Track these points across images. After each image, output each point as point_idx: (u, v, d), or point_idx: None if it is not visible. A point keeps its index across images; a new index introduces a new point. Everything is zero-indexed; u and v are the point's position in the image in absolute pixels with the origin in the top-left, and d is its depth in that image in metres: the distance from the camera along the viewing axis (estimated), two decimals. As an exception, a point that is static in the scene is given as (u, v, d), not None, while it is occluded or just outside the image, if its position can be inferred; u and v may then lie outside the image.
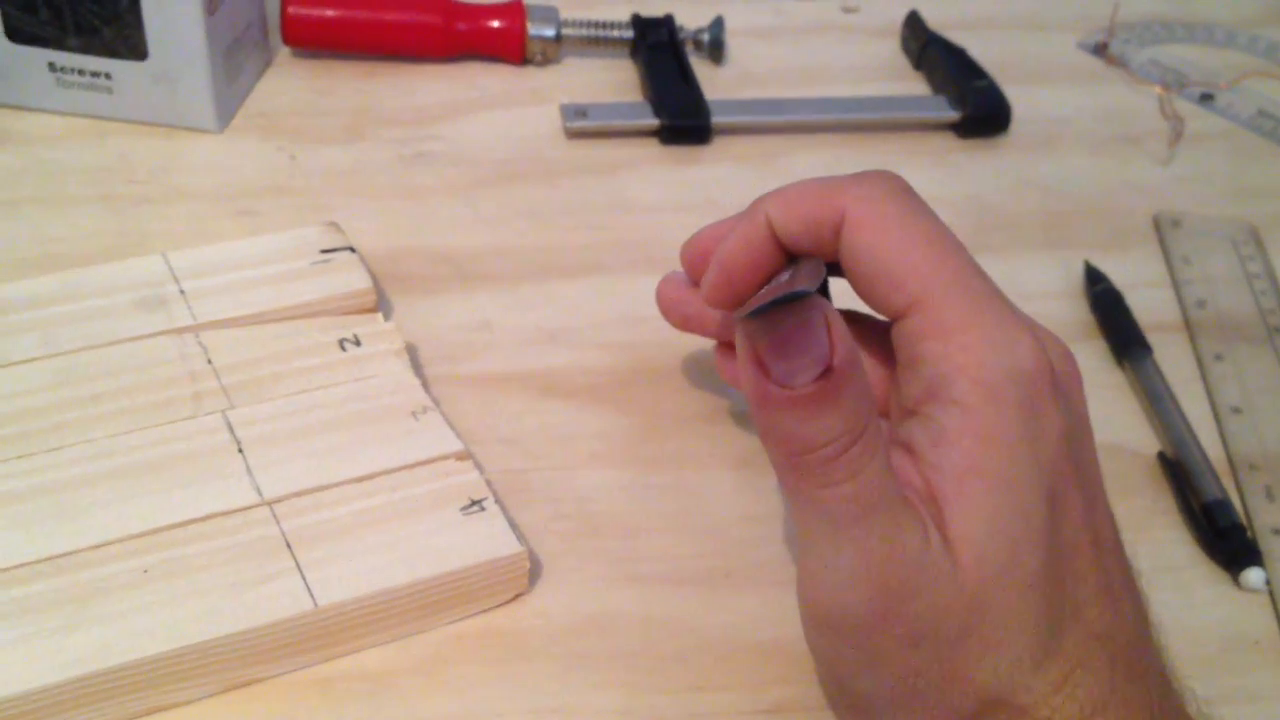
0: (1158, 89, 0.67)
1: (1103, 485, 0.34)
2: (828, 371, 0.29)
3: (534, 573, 0.40)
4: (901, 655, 0.31)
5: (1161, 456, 0.47)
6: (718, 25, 0.65)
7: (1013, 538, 0.31)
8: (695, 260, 0.41)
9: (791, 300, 0.29)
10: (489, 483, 0.42)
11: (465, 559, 0.38)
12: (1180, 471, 0.46)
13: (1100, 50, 0.70)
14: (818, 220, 0.35)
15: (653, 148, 0.60)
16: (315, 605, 0.36)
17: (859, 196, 0.34)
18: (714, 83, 0.64)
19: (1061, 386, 0.33)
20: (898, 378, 0.35)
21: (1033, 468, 0.31)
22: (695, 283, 0.41)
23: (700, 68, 0.64)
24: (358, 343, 0.45)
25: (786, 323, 0.29)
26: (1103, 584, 0.32)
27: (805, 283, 0.33)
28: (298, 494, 0.39)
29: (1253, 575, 0.42)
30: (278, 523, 0.38)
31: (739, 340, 0.31)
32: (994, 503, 0.31)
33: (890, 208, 0.34)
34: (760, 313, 0.29)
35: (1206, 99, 0.67)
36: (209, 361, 0.43)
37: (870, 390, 0.31)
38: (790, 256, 0.37)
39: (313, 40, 0.62)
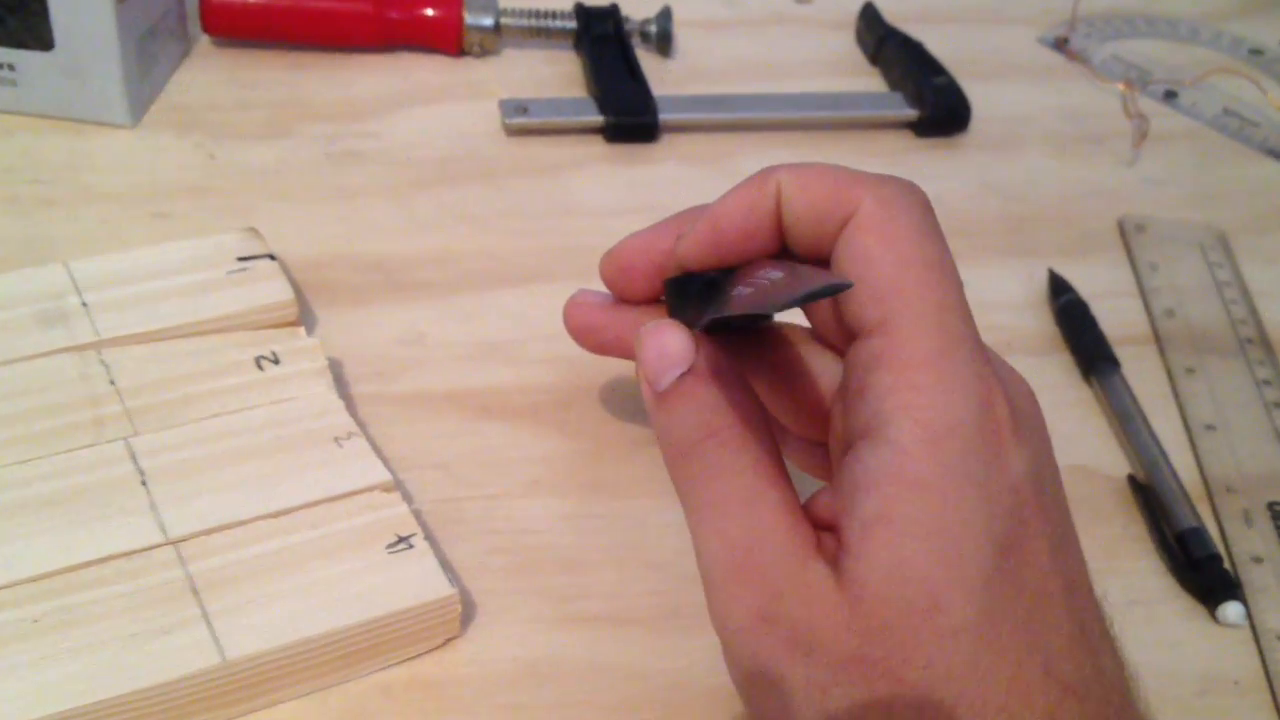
0: (1120, 86, 0.65)
1: (1073, 528, 0.32)
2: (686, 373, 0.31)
3: (467, 614, 0.37)
4: (797, 665, 0.29)
5: (1132, 480, 0.44)
6: (665, 16, 0.62)
7: (929, 584, 0.29)
8: (617, 272, 0.38)
9: (829, 290, 0.29)
10: (419, 514, 0.39)
11: (391, 603, 0.35)
12: (1152, 496, 0.43)
13: (1061, 45, 0.68)
14: (829, 207, 0.32)
15: (597, 146, 0.57)
16: (223, 659, 0.33)
17: (879, 198, 0.32)
18: (662, 77, 0.61)
19: (1023, 430, 0.30)
20: (844, 405, 0.32)
21: (979, 514, 0.29)
22: (619, 297, 0.38)
23: (647, 61, 0.61)
24: (276, 361, 0.41)
25: (660, 333, 0.32)
26: (1076, 633, 0.30)
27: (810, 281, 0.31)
28: (206, 532, 0.36)
29: (1231, 610, 0.40)
30: (183, 565, 0.35)
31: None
32: (902, 550, 0.29)
33: (905, 219, 0.32)
34: (806, 298, 0.29)
35: (1170, 96, 0.65)
36: (112, 382, 0.39)
37: (745, 403, 0.32)
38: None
39: (234, 28, 0.58)
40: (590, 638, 0.37)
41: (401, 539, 0.36)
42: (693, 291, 0.34)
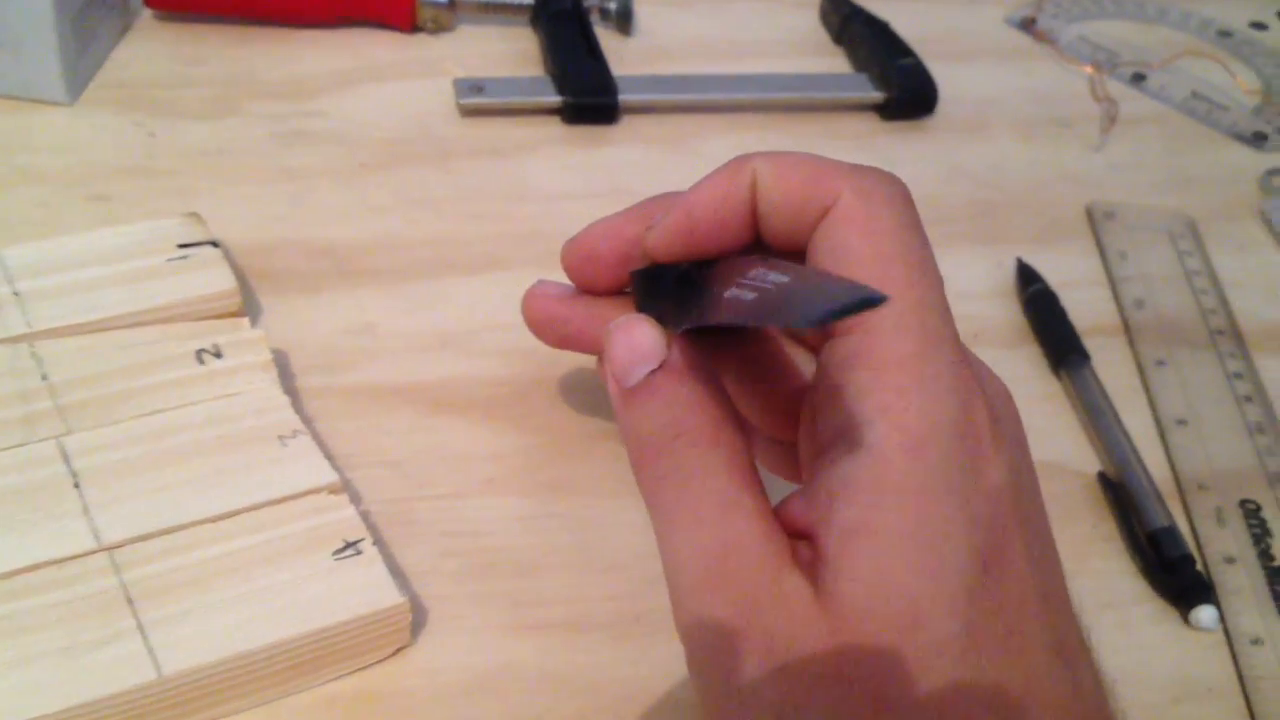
0: (1088, 69, 0.64)
1: (1051, 535, 0.31)
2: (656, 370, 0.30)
3: (418, 622, 0.36)
4: (772, 682, 0.28)
5: (1102, 477, 0.43)
6: (626, -8, 0.60)
7: (912, 599, 0.28)
8: (581, 262, 0.36)
9: (867, 303, 0.25)
10: (368, 516, 0.37)
11: (337, 613, 0.33)
12: (1123, 494, 0.42)
13: (1028, 25, 0.67)
14: (806, 197, 0.31)
15: (555, 127, 0.55)
16: (159, 674, 0.31)
17: (858, 189, 0.30)
18: (622, 56, 0.59)
19: (1002, 436, 0.29)
20: (817, 404, 0.31)
21: (960, 525, 0.28)
22: (582, 286, 0.37)
23: (607, 39, 0.60)
24: (218, 354, 0.39)
25: (631, 327, 0.31)
26: (1055, 647, 0.29)
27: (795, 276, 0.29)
28: (143, 537, 0.34)
29: (1204, 614, 0.39)
30: (118, 573, 0.33)
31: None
32: (884, 563, 0.28)
33: (887, 213, 0.30)
34: (835, 314, 0.26)
35: (1138, 79, 0.64)
36: (44, 377, 0.38)
37: (716, 401, 0.30)
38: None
39: (178, 1, 0.56)
40: (547, 645, 0.36)
41: (349, 544, 0.35)
42: (665, 286, 0.33)
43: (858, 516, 0.28)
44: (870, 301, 0.25)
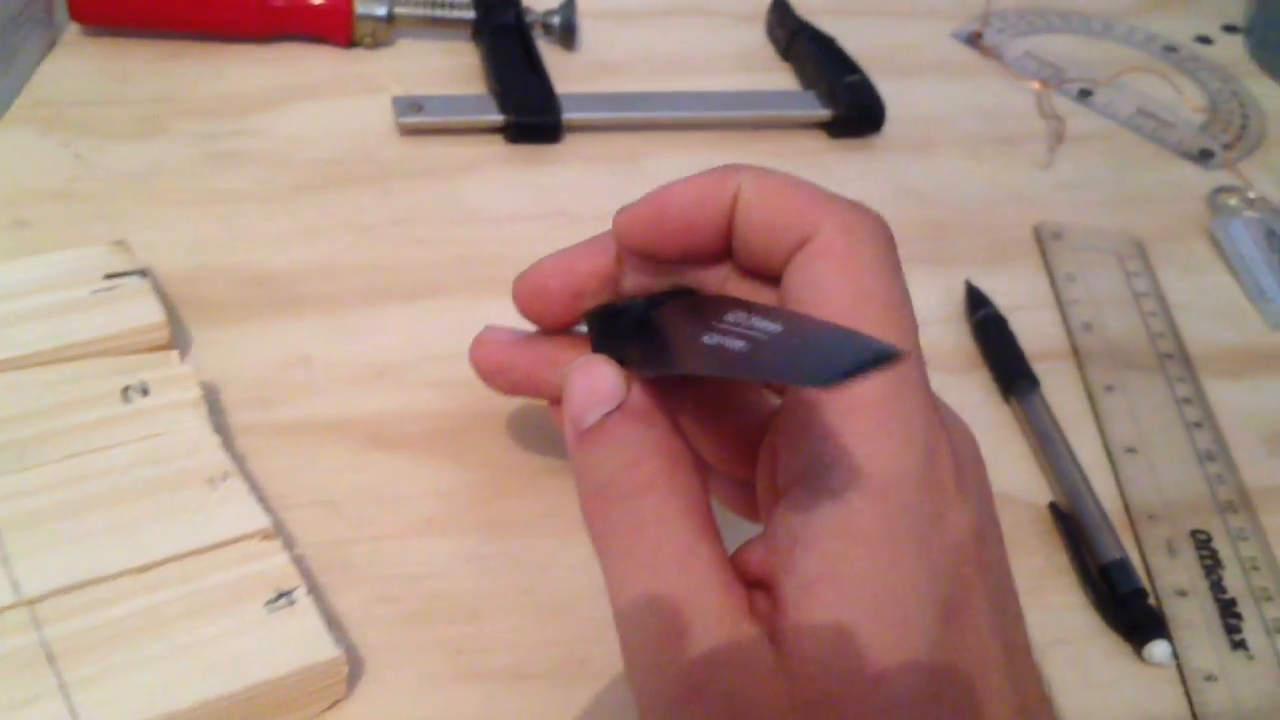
0: (1035, 85, 0.63)
1: (1013, 583, 0.30)
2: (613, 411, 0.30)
3: (354, 673, 0.34)
4: None
5: (1054, 507, 0.43)
6: (569, 7, 0.59)
7: (873, 654, 0.27)
8: (532, 297, 0.35)
9: (883, 360, 0.24)
10: (301, 560, 0.36)
11: (270, 668, 0.32)
12: (1074, 526, 0.42)
13: (975, 40, 0.66)
14: (787, 223, 0.30)
15: (497, 146, 0.54)
16: (82, 739, 0.30)
17: (843, 225, 0.30)
18: (565, 72, 0.58)
19: (966, 483, 0.29)
20: (776, 445, 0.30)
21: (923, 576, 0.27)
22: (534, 321, 0.36)
23: (550, 54, 0.59)
24: (145, 391, 0.38)
25: (591, 368, 0.30)
26: (1015, 702, 0.29)
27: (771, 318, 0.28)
28: (65, 590, 0.33)
29: (1157, 650, 0.38)
30: (38, 628, 0.32)
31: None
32: (845, 616, 0.27)
33: (868, 251, 0.29)
34: (851, 374, 0.23)
35: (1085, 95, 0.64)
36: (-40, 419, 0.36)
37: (673, 444, 0.30)
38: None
39: (106, 16, 0.54)
40: (489, 694, 0.35)
41: (282, 594, 0.33)
42: (624, 326, 0.32)
43: (820, 565, 0.27)
44: (886, 356, 0.23)
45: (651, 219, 0.32)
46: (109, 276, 0.41)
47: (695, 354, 0.28)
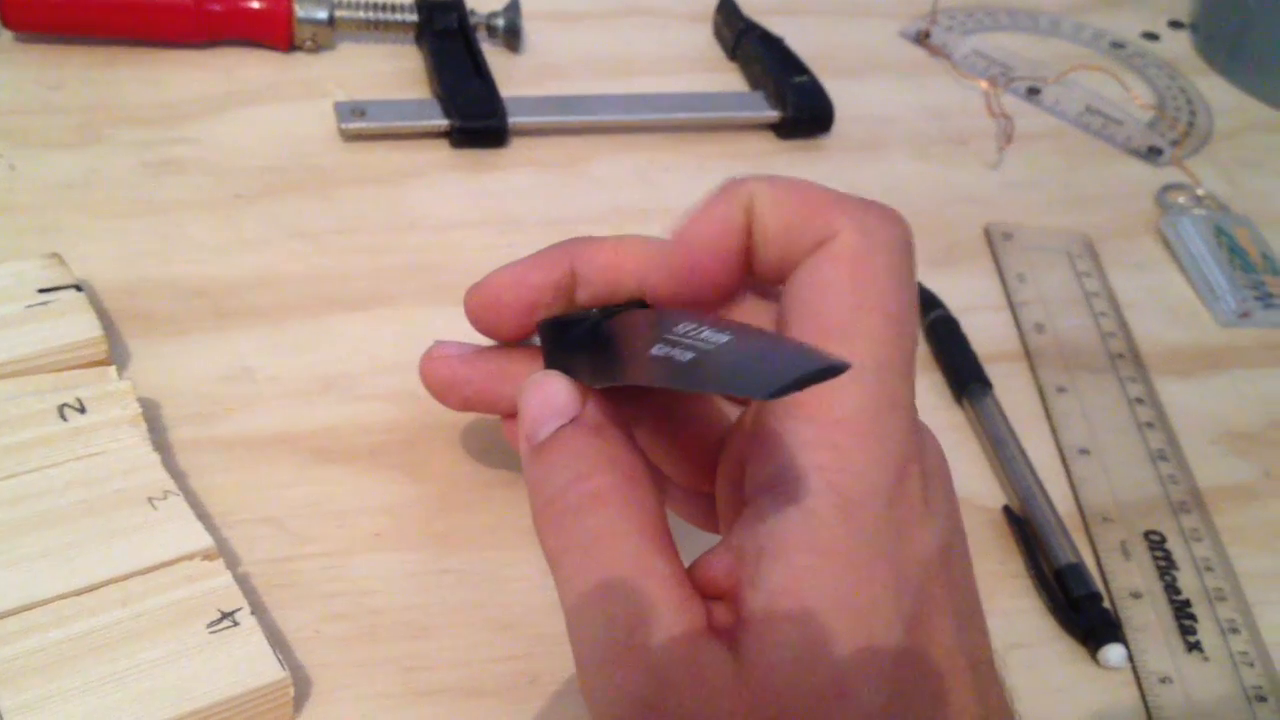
0: (983, 83, 0.63)
1: (978, 598, 0.30)
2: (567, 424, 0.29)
3: (301, 695, 0.34)
4: None
5: (1007, 511, 0.42)
6: (513, 9, 0.59)
7: (838, 669, 0.26)
8: (484, 309, 0.34)
9: (827, 373, 0.24)
10: (246, 579, 0.35)
11: (213, 693, 0.31)
12: (1028, 530, 0.42)
13: (922, 39, 0.66)
14: (804, 228, 0.29)
15: (442, 151, 0.53)
16: (17, 771, 0.29)
17: (862, 228, 0.29)
18: (510, 75, 0.57)
19: (934, 499, 0.28)
20: (742, 453, 0.29)
21: (890, 591, 0.27)
22: (487, 334, 0.35)
23: (495, 57, 0.58)
24: (82, 409, 0.37)
25: (546, 382, 0.30)
26: (982, 717, 0.28)
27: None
28: (2, 614, 0.32)
29: (1112, 653, 0.38)
30: (-29, 658, 0.31)
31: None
32: (811, 631, 0.26)
33: (884, 259, 0.29)
34: (794, 386, 0.23)
35: (1033, 94, 0.64)
36: (-112, 441, 0.35)
37: (629, 457, 0.29)
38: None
39: (38, 22, 0.53)
40: (439, 712, 0.34)
41: (225, 615, 0.33)
42: (576, 337, 0.31)
43: (786, 578, 0.27)
44: (831, 370, 0.23)
45: (683, 268, 0.31)
46: (43, 291, 0.40)
47: (643, 365, 0.28)
